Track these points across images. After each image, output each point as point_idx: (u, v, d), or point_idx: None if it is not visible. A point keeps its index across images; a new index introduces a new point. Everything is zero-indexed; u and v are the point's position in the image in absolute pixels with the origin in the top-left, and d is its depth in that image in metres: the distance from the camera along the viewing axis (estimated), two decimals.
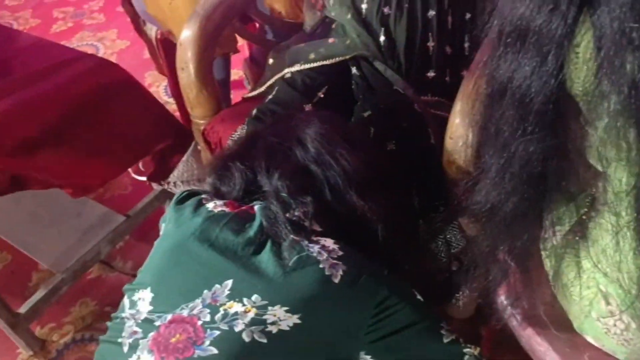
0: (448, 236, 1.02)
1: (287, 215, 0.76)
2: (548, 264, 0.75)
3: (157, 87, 2.33)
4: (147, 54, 2.50)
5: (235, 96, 1.84)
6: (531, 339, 0.76)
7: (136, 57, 2.52)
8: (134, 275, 1.56)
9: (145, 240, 1.68)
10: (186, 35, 1.21)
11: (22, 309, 1.34)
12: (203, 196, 0.84)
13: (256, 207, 0.79)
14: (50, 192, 1.27)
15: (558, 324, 0.75)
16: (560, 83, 0.54)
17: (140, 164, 1.73)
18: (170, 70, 1.71)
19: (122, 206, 1.63)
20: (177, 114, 1.77)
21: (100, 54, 2.55)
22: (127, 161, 1.34)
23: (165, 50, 1.66)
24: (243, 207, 0.80)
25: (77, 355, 1.40)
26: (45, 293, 1.36)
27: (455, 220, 1.01)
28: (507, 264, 0.73)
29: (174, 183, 1.53)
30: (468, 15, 1.16)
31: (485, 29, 0.62)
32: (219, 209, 0.79)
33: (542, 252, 0.76)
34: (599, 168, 0.59)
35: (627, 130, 0.50)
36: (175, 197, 0.86)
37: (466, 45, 1.17)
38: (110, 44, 2.66)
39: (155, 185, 1.62)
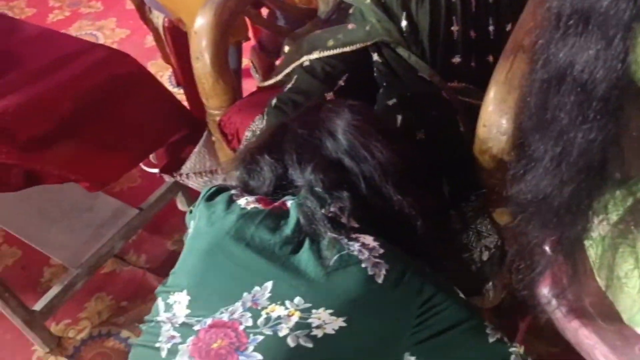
0: (479, 226, 1.00)
1: (323, 211, 0.73)
2: (593, 255, 0.73)
3: (161, 76, 2.28)
4: (148, 43, 2.48)
5: (244, 85, 1.80)
6: (578, 331, 0.74)
7: (137, 46, 2.47)
8: (148, 269, 1.56)
9: (158, 233, 1.66)
10: (201, 24, 1.17)
11: (37, 306, 1.32)
12: (233, 192, 0.81)
13: (289, 203, 0.76)
14: (60, 187, 1.24)
15: (605, 316, 0.73)
16: (626, 67, 0.51)
17: (151, 156, 1.70)
18: (178, 59, 1.68)
19: (132, 199, 1.60)
20: (185, 104, 1.73)
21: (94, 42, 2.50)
22: (142, 153, 1.31)
23: (172, 38, 1.63)
24: (276, 204, 0.77)
25: (95, 351, 1.38)
26: (61, 289, 1.33)
27: (487, 210, 0.99)
28: (554, 256, 0.71)
29: (186, 175, 1.51)
30: None
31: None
32: (252, 205, 0.76)
33: (586, 242, 0.74)
34: None
35: None
36: (203, 193, 0.83)
37: (491, 28, 1.13)
38: (110, 33, 2.61)
39: (167, 177, 1.59)
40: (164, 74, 2.27)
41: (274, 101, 1.12)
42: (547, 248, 0.70)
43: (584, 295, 0.75)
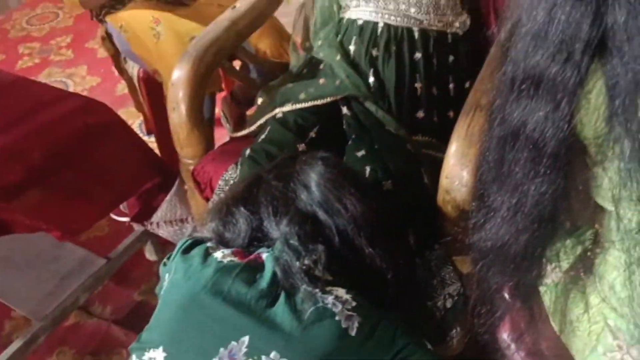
0: (443, 274, 1.04)
1: (298, 264, 0.75)
2: (547, 300, 0.78)
3: (132, 124, 2.30)
4: (119, 91, 2.51)
5: (215, 134, 1.84)
6: None
7: (108, 94, 2.50)
8: (114, 321, 1.53)
9: (125, 284, 1.64)
10: (178, 76, 1.21)
11: None
12: (209, 244, 0.82)
13: (264, 256, 0.78)
14: (26, 236, 1.23)
15: (561, 359, 0.77)
16: (572, 127, 0.57)
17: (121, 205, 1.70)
18: (151, 108, 1.72)
19: (99, 248, 1.59)
20: (156, 152, 1.75)
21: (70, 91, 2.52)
22: (115, 202, 1.32)
23: (147, 88, 1.67)
24: (251, 257, 0.79)
25: None
26: (22, 343, 1.29)
27: (450, 258, 1.03)
28: (513, 301, 0.75)
29: (157, 223, 1.51)
30: (451, 58, 1.21)
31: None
32: (228, 258, 0.77)
33: (541, 288, 0.79)
34: (608, 207, 0.62)
35: (638, 172, 0.53)
36: (179, 245, 0.84)
37: (451, 86, 1.21)
38: (80, 80, 2.63)
39: (136, 226, 1.59)
40: (135, 122, 2.29)
41: (247, 151, 1.15)
42: (505, 294, 0.74)
43: (541, 339, 0.79)
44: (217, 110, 2.10)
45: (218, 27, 1.28)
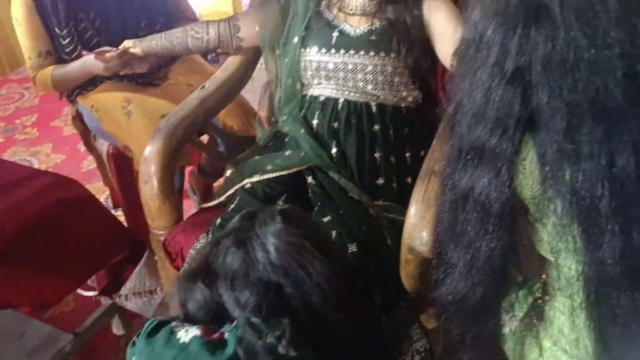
0: (409, 331, 1.09)
1: (261, 342, 0.73)
2: (507, 348, 0.84)
3: (98, 198, 2.31)
4: (84, 168, 2.54)
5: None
6: None
7: (73, 170, 2.51)
8: None
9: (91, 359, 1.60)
10: (150, 151, 1.27)
11: None
12: (173, 324, 0.81)
13: (227, 335, 0.77)
14: None
15: None
16: (512, 190, 0.66)
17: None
18: (120, 183, 1.75)
19: (65, 324, 1.56)
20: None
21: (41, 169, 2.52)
22: (85, 275, 1.33)
23: (116, 163, 1.71)
24: (215, 334, 0.78)
25: None
26: None
27: (415, 315, 1.09)
28: (475, 351, 0.81)
29: (126, 296, 1.51)
30: (407, 129, 1.32)
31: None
32: (191, 335, 0.77)
33: (500, 337, 0.85)
34: (550, 258, 0.70)
35: (572, 227, 0.61)
36: (145, 327, 0.83)
37: (407, 155, 1.31)
38: (45, 158, 2.65)
39: (103, 300, 1.58)
40: (101, 197, 2.31)
41: (218, 220, 1.21)
42: (468, 344, 0.80)
43: None
44: (185, 183, 2.16)
45: (188, 105, 1.36)
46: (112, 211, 2.10)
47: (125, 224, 1.80)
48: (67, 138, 2.75)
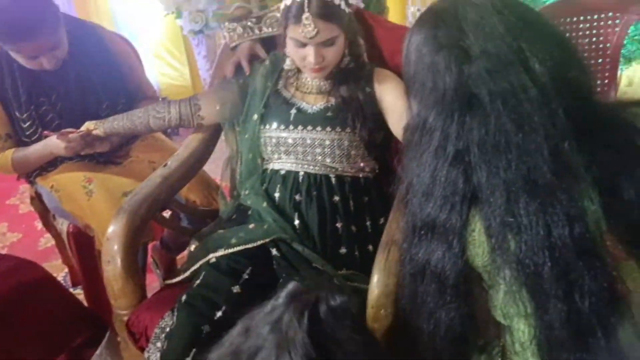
0: None
1: None
2: None
3: (56, 277, 2.25)
4: (42, 246, 2.49)
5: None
6: None
7: (30, 249, 2.47)
8: None
9: None
10: (113, 230, 1.27)
11: None
12: None
13: None
14: None
15: None
16: (465, 261, 0.71)
17: None
18: (80, 262, 1.73)
19: None
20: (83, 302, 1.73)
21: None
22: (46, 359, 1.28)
23: (76, 242, 1.69)
24: None
25: None
26: None
27: None
28: None
29: None
30: (366, 199, 1.37)
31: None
32: None
33: None
34: (504, 323, 0.74)
35: (521, 293, 0.66)
36: None
37: (368, 223, 1.36)
38: (1, 237, 2.58)
39: None
40: (59, 275, 2.26)
41: (183, 297, 1.20)
42: None
43: None
44: (148, 257, 2.14)
45: (151, 183, 1.38)
46: (71, 290, 2.05)
47: (85, 303, 1.76)
48: (23, 216, 2.71)
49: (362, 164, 1.38)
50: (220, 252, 1.28)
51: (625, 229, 0.63)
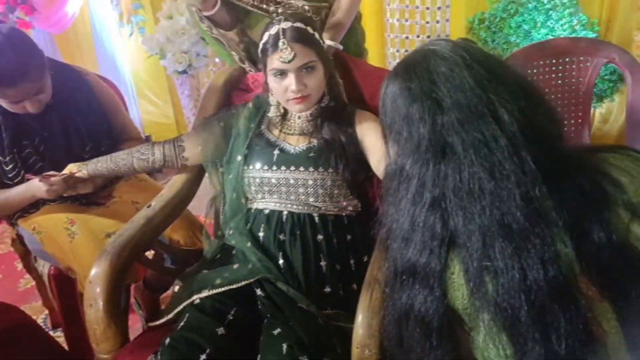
0: None
1: None
2: None
3: (36, 319, 2.21)
4: (22, 287, 2.44)
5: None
6: None
7: (10, 290, 2.42)
8: None
9: None
10: (96, 273, 1.27)
11: None
12: None
13: None
14: None
15: None
16: (447, 304, 0.72)
17: None
18: (61, 304, 1.70)
19: None
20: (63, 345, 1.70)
21: None
22: None
23: (57, 285, 1.67)
24: None
25: None
26: None
27: None
28: None
29: None
30: (349, 237, 1.39)
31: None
32: None
33: None
34: None
35: (500, 336, 0.68)
36: None
37: (351, 262, 1.37)
38: None
39: None
40: (39, 317, 2.21)
41: (167, 340, 1.19)
42: None
43: None
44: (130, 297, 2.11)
45: (135, 225, 1.38)
46: (51, 332, 2.01)
47: (66, 347, 1.73)
48: (3, 256, 2.67)
49: (345, 203, 1.40)
50: (205, 293, 1.28)
51: (597, 270, 0.65)
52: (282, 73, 1.31)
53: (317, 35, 1.34)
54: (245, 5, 1.55)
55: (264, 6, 1.54)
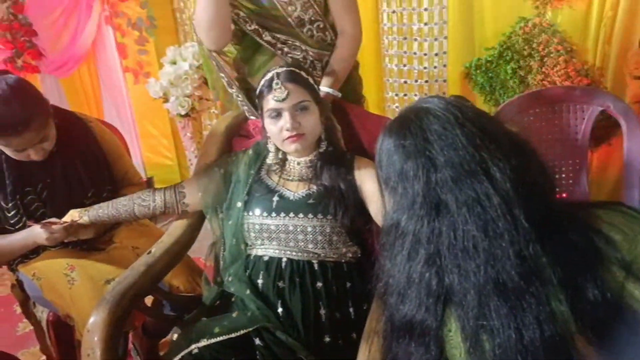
0: None
1: None
2: None
3: None
4: (20, 330, 2.42)
5: None
6: None
7: (8, 334, 2.40)
8: None
9: None
10: (94, 321, 1.26)
11: None
12: None
13: None
14: None
15: None
16: None
17: None
18: (59, 351, 1.69)
19: None
20: None
21: None
22: None
23: (56, 331, 1.66)
24: None
25: None
26: None
27: None
28: None
29: None
30: (349, 284, 1.39)
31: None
32: None
33: None
34: None
35: None
36: None
37: (351, 310, 1.36)
38: None
39: None
40: None
41: None
42: None
43: None
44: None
45: (135, 272, 1.38)
46: None
47: None
48: (1, 299, 2.64)
49: (344, 250, 1.40)
50: (203, 343, 1.27)
51: (592, 328, 0.65)
52: (277, 114, 1.34)
53: (310, 80, 1.38)
54: (253, 34, 1.58)
55: (272, 40, 1.58)
